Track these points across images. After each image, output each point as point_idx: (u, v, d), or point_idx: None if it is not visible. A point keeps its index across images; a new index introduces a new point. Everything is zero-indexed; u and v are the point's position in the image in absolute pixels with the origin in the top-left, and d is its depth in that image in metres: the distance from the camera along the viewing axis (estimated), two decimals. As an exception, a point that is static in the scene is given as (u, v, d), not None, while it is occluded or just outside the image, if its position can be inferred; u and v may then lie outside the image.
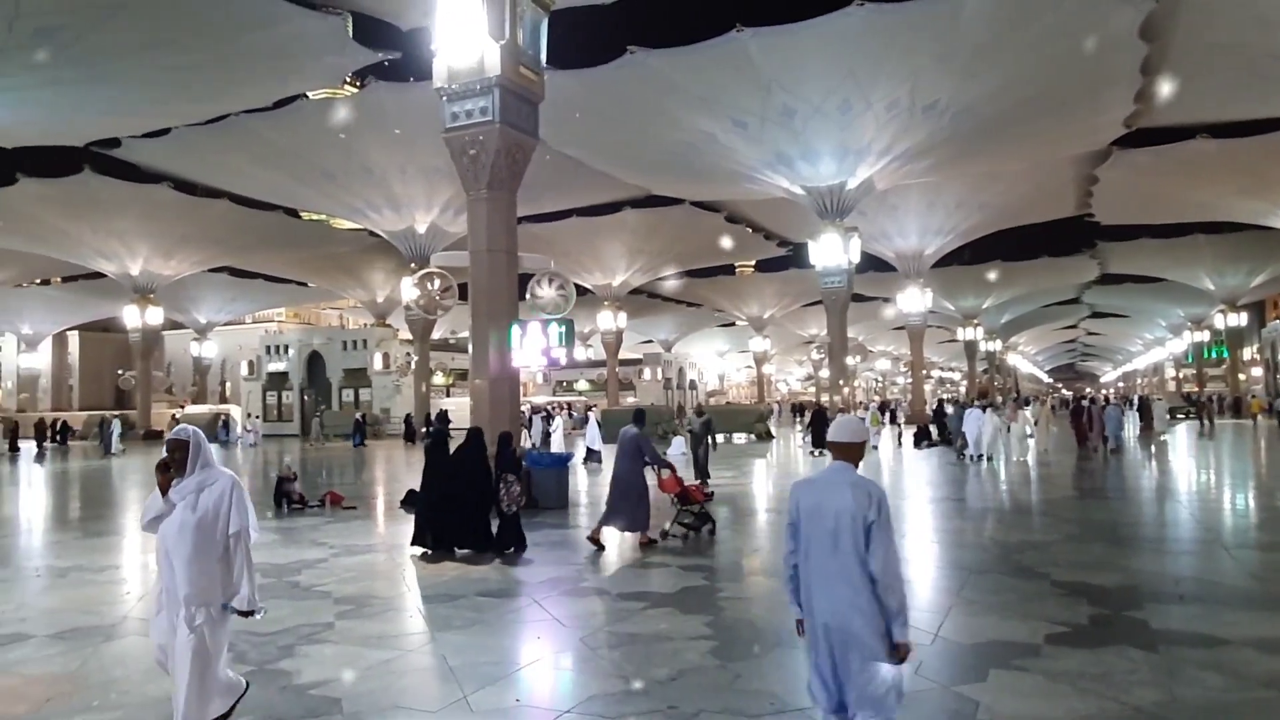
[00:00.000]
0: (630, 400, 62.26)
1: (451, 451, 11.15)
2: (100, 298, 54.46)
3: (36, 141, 30.02)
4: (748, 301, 66.33)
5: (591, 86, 25.90)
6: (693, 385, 74.86)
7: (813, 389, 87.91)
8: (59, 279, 57.55)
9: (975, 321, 62.10)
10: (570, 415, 44.89)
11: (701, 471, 17.41)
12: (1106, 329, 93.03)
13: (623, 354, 59.60)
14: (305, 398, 49.66)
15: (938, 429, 28.54)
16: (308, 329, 66.14)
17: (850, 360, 43.54)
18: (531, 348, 13.97)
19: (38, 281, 57.98)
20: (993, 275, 55.05)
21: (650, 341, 77.85)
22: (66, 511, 17.19)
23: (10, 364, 68.86)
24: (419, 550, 10.34)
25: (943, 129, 27.53)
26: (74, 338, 68.24)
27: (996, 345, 75.38)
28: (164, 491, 4.44)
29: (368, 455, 30.47)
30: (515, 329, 14.12)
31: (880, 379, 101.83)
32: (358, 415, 39.44)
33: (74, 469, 27.29)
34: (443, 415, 33.06)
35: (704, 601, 7.72)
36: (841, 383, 35.58)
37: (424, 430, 38.27)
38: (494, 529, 10.48)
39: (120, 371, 64.28)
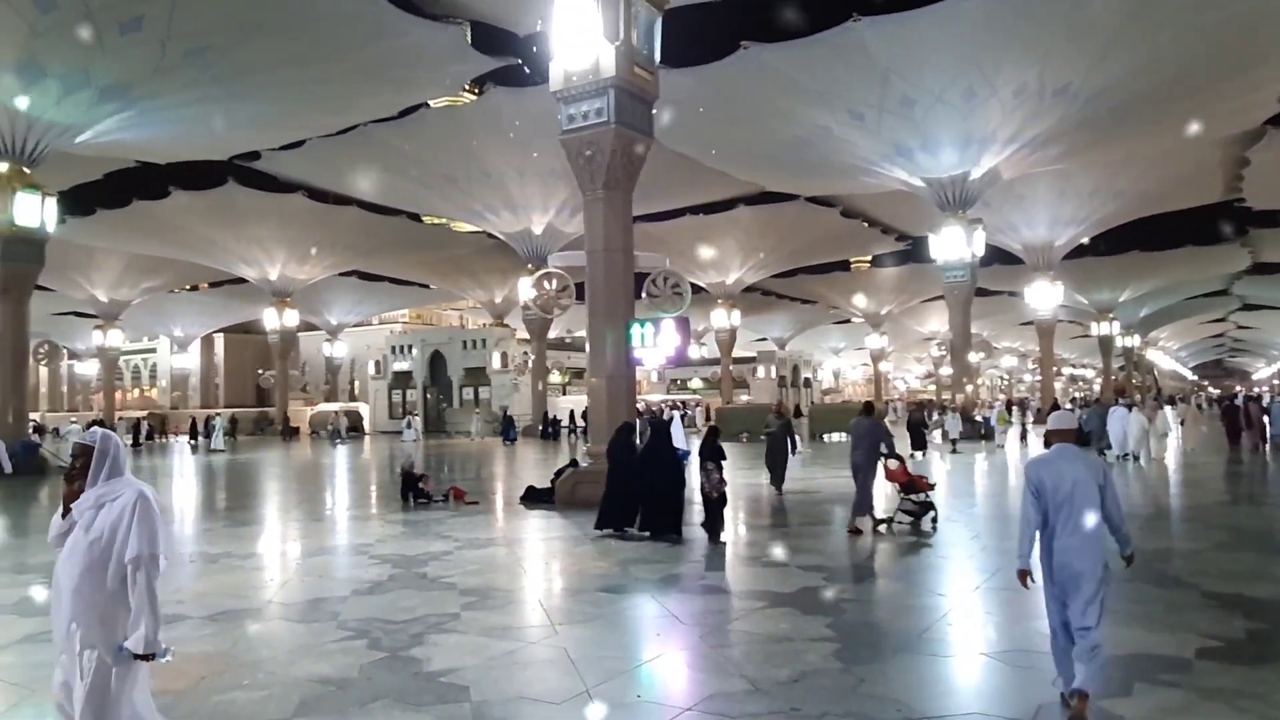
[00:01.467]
0: (744, 398, 61.85)
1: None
2: (242, 302, 58.08)
3: (186, 156, 32.27)
4: (864, 297, 64.86)
5: (705, 83, 25.85)
6: (807, 383, 73.80)
7: (932, 387, 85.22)
8: (206, 285, 61.57)
9: (1111, 316, 58.75)
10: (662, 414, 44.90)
11: (778, 479, 15.62)
12: (1259, 322, 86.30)
13: (736, 352, 59.23)
14: (428, 396, 51.48)
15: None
16: (430, 329, 68.54)
17: (973, 357, 41.99)
18: (648, 346, 14.04)
19: (188, 287, 62.18)
20: (1130, 267, 52.00)
21: (764, 339, 77.11)
22: (213, 501, 18.34)
23: (164, 364, 74.27)
24: (600, 532, 11.26)
25: (1075, 113, 26.18)
26: (220, 339, 72.82)
27: (1134, 341, 71.11)
28: (68, 505, 3.64)
29: (489, 451, 31.30)
30: (633, 327, 14.23)
31: (1006, 377, 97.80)
32: (507, 412, 40.38)
33: (209, 462, 29.13)
34: (629, 425, 32.84)
35: (824, 602, 7.59)
36: (964, 380, 34.33)
37: (540, 427, 39.13)
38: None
39: (260, 371, 68.29)
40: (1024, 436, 29.45)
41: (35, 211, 23.77)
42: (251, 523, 14.01)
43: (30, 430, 26.79)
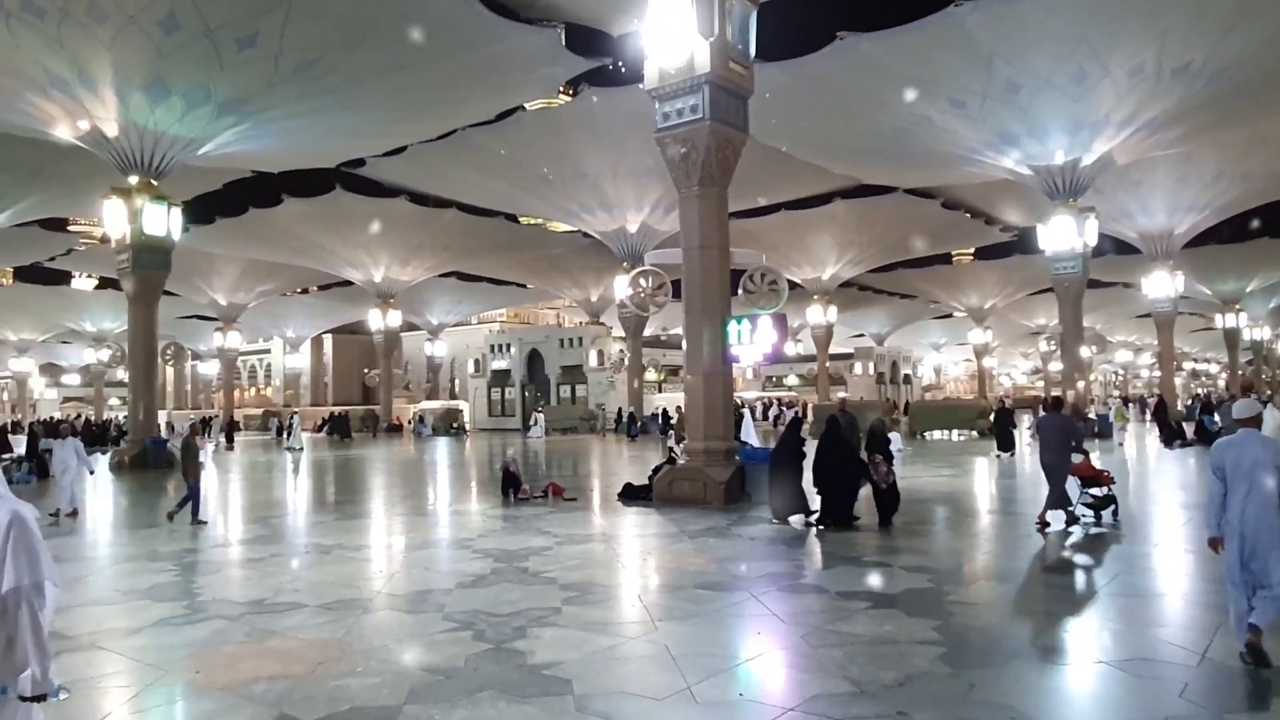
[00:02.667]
0: (840, 394, 60.82)
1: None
2: (349, 303, 60.48)
3: (297, 165, 33.72)
4: (966, 291, 62.87)
5: (800, 76, 25.49)
6: (907, 380, 72.05)
7: (1040, 383, 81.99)
8: (316, 288, 64.32)
9: (1237, 307, 55.30)
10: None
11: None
12: None
13: (833, 348, 58.28)
14: (525, 394, 52.41)
15: (1195, 428, 25.63)
16: (527, 328, 69.79)
17: (1085, 352, 40.19)
18: (744, 343, 13.96)
19: (299, 291, 65.07)
20: (1258, 254, 48.84)
21: (861, 335, 75.66)
22: (323, 496, 19.11)
23: (278, 364, 77.89)
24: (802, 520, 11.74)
25: (1196, 93, 24.70)
26: (328, 340, 75.93)
27: (1264, 333, 66.74)
28: None
29: (584, 448, 31.66)
30: (729, 324, 14.17)
31: (1120, 372, 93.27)
32: (630, 409, 40.83)
33: (317, 458, 30.34)
34: (798, 421, 31.81)
35: (930, 604, 7.38)
36: (1075, 376, 32.88)
37: (624, 423, 39.35)
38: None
39: (366, 370, 70.87)
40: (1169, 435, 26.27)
41: (162, 221, 25.23)
42: (359, 516, 14.54)
43: (160, 427, 28.46)
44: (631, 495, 14.86)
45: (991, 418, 27.04)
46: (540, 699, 5.18)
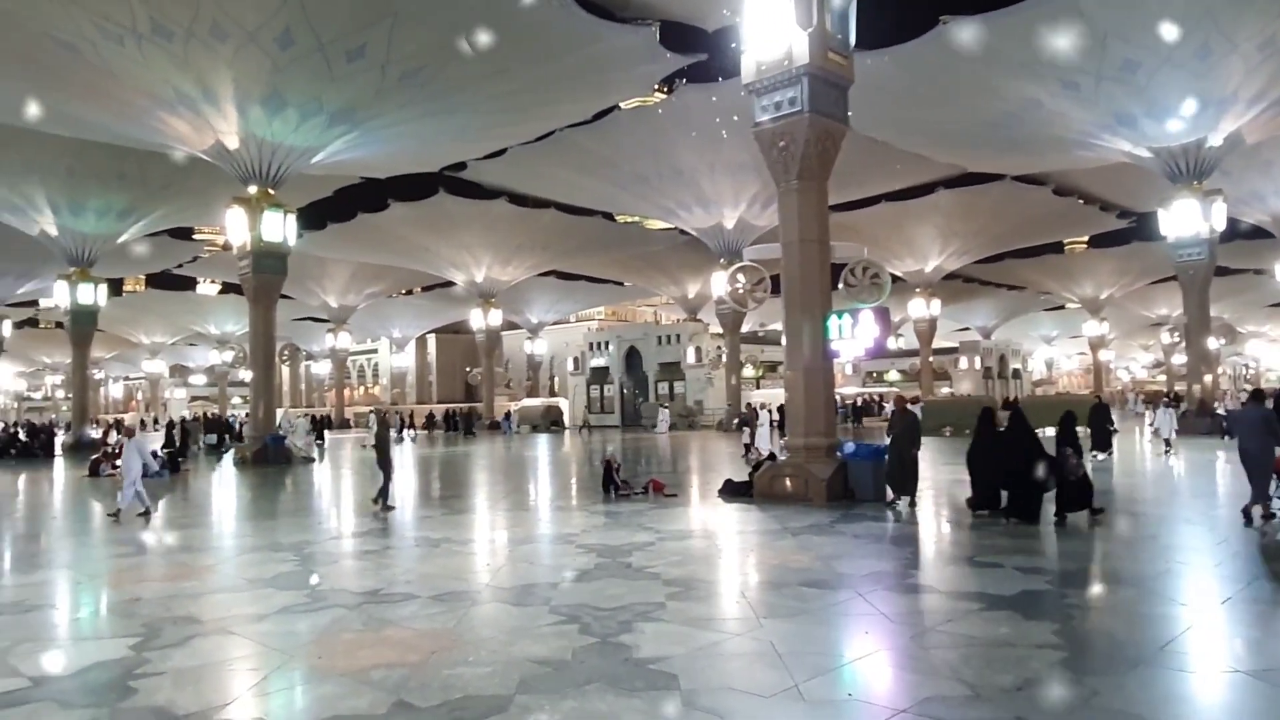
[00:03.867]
0: (945, 391, 59.05)
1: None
2: (452, 304, 62.24)
3: (402, 170, 34.85)
4: (1080, 281, 60.16)
5: (902, 64, 24.88)
6: (1016, 374, 69.37)
7: (1162, 377, 77.76)
8: (420, 289, 66.36)
9: (1384, 293, 51.22)
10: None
11: (901, 486, 13.31)
12: None
13: (937, 342, 56.65)
14: (624, 391, 52.82)
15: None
16: (625, 326, 70.31)
17: (1213, 343, 37.91)
18: (846, 337, 13.72)
19: (404, 292, 67.29)
20: None
21: (967, 329, 73.31)
22: (429, 491, 19.69)
23: (385, 363, 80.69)
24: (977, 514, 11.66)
25: (1336, 65, 23.01)
26: (432, 339, 78.22)
27: None
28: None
29: (683, 444, 31.67)
30: (830, 319, 13.94)
31: (1253, 364, 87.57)
32: (746, 405, 40.81)
33: (423, 454, 31.24)
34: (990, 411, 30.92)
35: (1049, 607, 7.10)
36: (1201, 369, 31.04)
37: (734, 420, 39.06)
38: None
39: (468, 368, 72.77)
40: None
41: (279, 228, 26.48)
42: (465, 511, 14.93)
43: (278, 424, 29.85)
44: (732, 492, 14.80)
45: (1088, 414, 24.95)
46: (647, 693, 5.21)
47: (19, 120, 27.33)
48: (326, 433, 43.46)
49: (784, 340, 14.92)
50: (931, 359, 54.43)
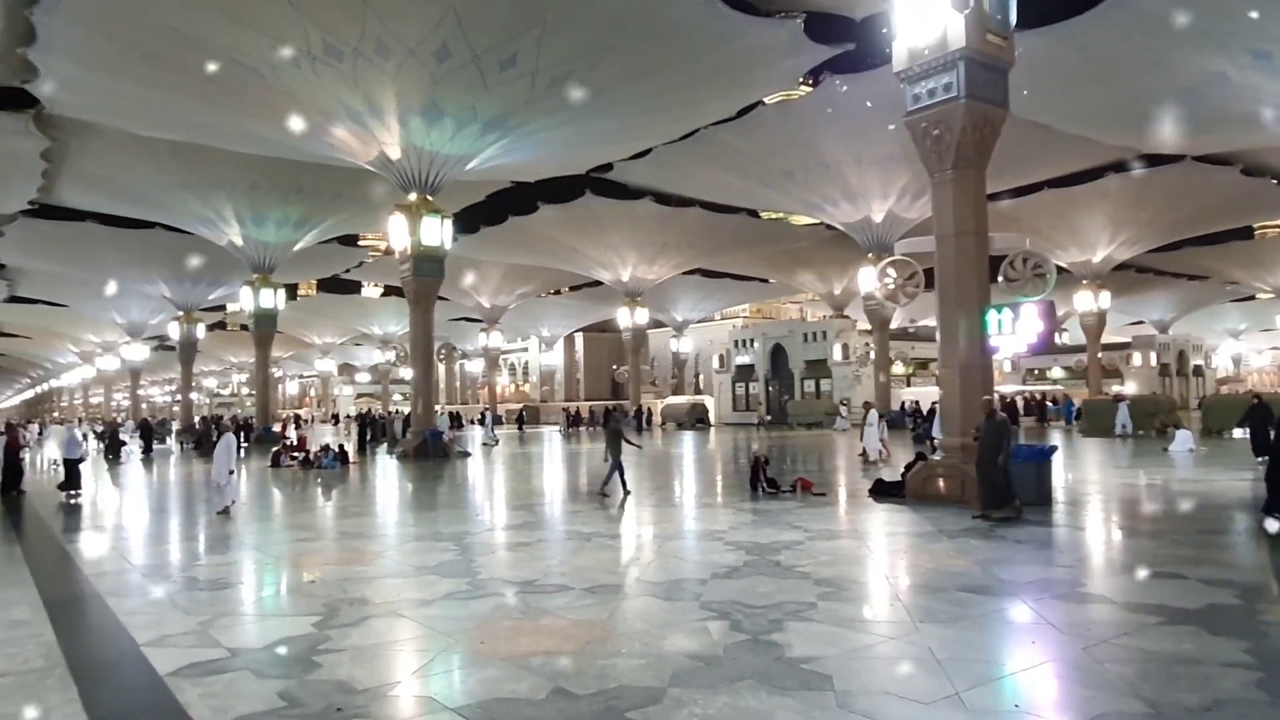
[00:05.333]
0: (1115, 388, 55.27)
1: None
2: (599, 303, 63.46)
3: (550, 174, 35.83)
4: (1272, 269, 54.91)
5: (1067, 42, 23.41)
6: (1198, 371, 64.09)
7: (1374, 374, 69.90)
8: (568, 289, 68.01)
9: None
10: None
11: (995, 496, 11.96)
12: None
13: (1106, 337, 53.08)
14: (770, 389, 52.34)
15: None
16: (770, 323, 69.62)
17: None
18: (1005, 333, 13.09)
19: (553, 292, 69.18)
20: None
21: (1140, 322, 68.31)
22: (578, 485, 20.14)
23: (534, 361, 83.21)
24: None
25: None
26: (579, 338, 79.99)
27: None
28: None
29: (831, 443, 31.07)
30: (988, 314, 13.35)
31: None
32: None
33: (570, 450, 31.95)
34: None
35: (1239, 623, 6.54)
36: None
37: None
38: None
39: (615, 366, 74.03)
40: None
41: (437, 232, 27.80)
42: (613, 506, 15.21)
43: (437, 420, 31.40)
44: (883, 492, 14.42)
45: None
46: (800, 692, 5.16)
47: (210, 140, 30.00)
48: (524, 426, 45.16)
49: (938, 336, 14.40)
50: (1100, 355, 51.04)
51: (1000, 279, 14.15)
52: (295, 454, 25.24)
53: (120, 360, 72.74)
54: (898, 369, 57.49)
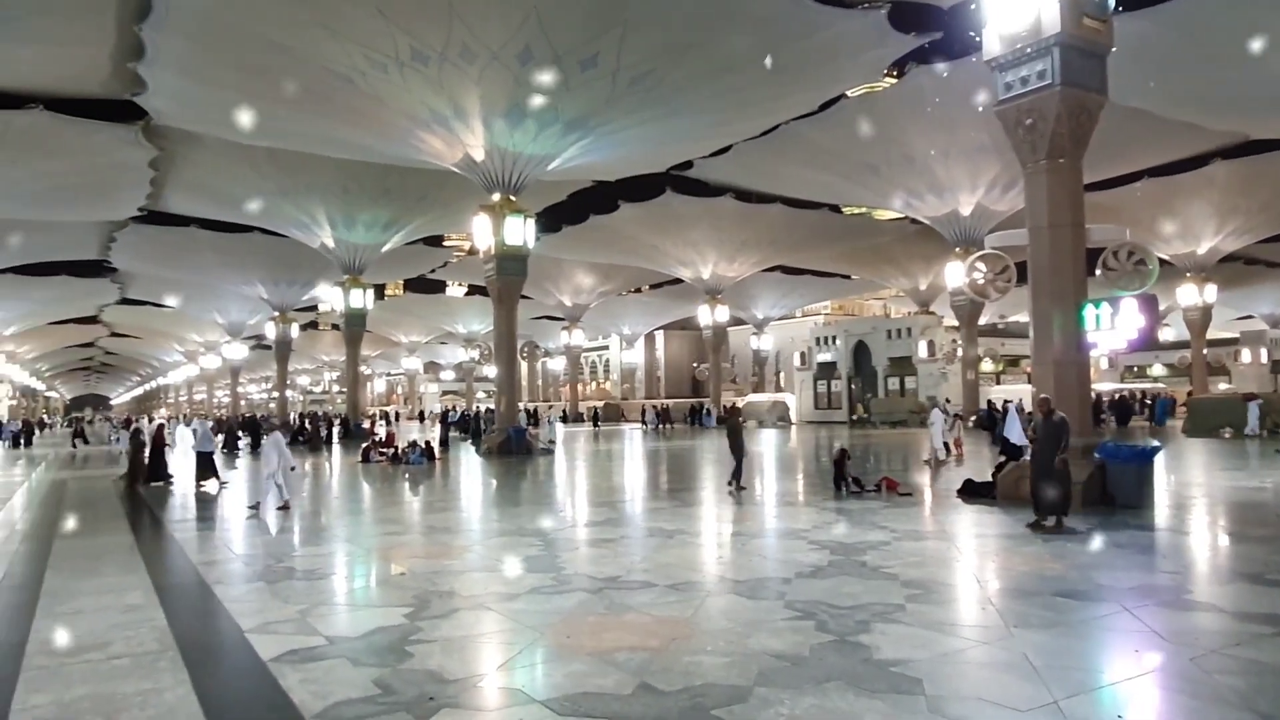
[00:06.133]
0: (1223, 386, 52.56)
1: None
2: (679, 300, 63.48)
3: (631, 172, 35.97)
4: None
5: (1169, 23, 22.35)
6: (1314, 369, 60.41)
7: None
8: (648, 287, 68.22)
9: None
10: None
11: (1052, 507, 11.05)
12: None
13: (1212, 332, 50.51)
14: (852, 386, 51.52)
15: None
16: (853, 320, 68.53)
17: None
18: (1104, 328, 12.59)
19: (634, 290, 69.49)
20: None
21: (1250, 317, 64.74)
22: (658, 483, 20.19)
23: (615, 359, 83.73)
24: None
25: None
26: (660, 336, 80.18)
27: None
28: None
29: (914, 441, 30.39)
30: (1085, 309, 12.86)
31: None
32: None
33: (651, 448, 31.99)
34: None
35: (1365, 637, 6.15)
36: None
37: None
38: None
39: (695, 364, 73.92)
40: None
41: (520, 232, 28.22)
42: (695, 503, 15.21)
43: (521, 417, 31.88)
44: (972, 492, 14.04)
45: None
46: (889, 695, 5.07)
47: (304, 146, 31.12)
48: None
49: (1031, 333, 13.93)
50: (1205, 351, 48.61)
51: (1098, 272, 13.62)
52: (384, 450, 25.96)
53: (221, 359, 76.04)
54: (986, 366, 55.92)
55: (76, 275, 55.13)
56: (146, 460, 19.37)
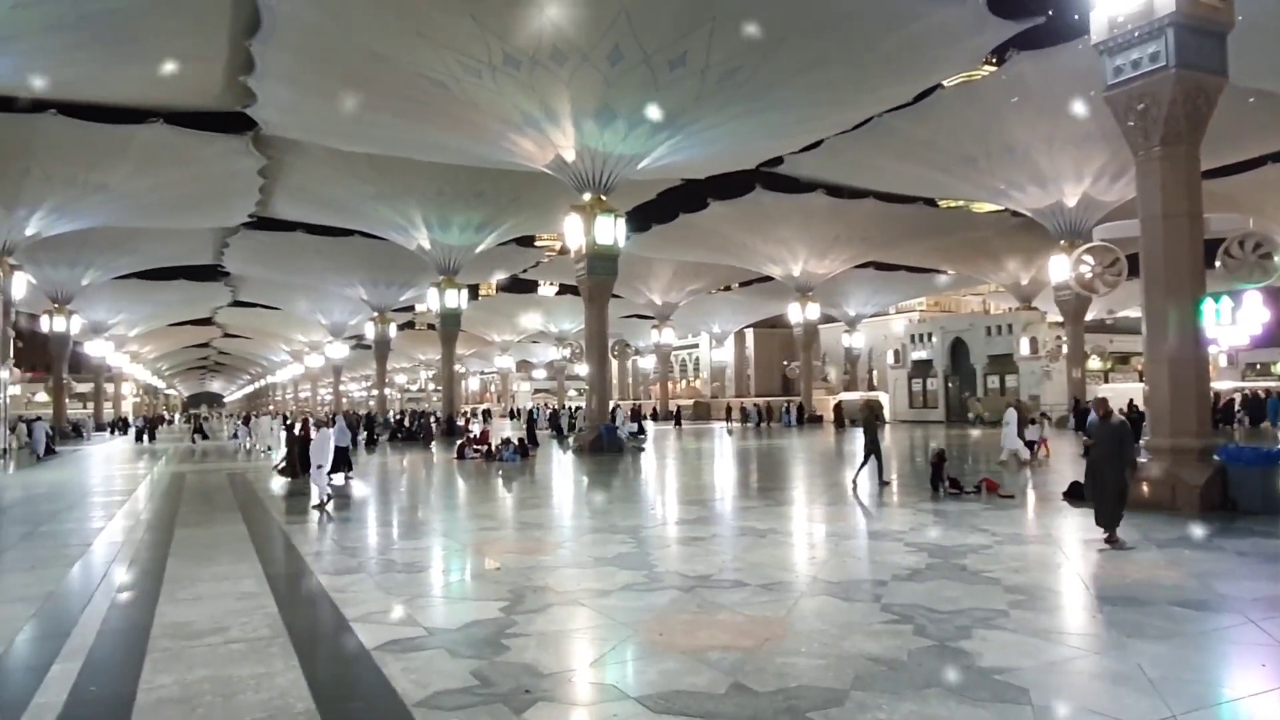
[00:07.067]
0: (1358, 386, 48.99)
1: None
2: (769, 298, 62.90)
3: (720, 170, 35.81)
4: None
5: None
6: None
7: None
8: (738, 285, 67.85)
9: None
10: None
11: (1103, 518, 9.94)
12: None
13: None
14: (949, 384, 50.12)
15: None
16: (949, 316, 66.66)
17: None
18: (1224, 323, 11.91)
19: (723, 288, 69.20)
20: None
21: (1388, 311, 60.22)
22: (749, 482, 20.02)
23: (705, 358, 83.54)
24: None
25: None
26: (750, 334, 79.56)
27: None
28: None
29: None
30: (1204, 303, 12.19)
31: None
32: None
33: (740, 446, 31.76)
34: None
35: None
36: None
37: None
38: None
39: (785, 362, 73.09)
40: None
41: (610, 231, 28.45)
42: (786, 502, 15.05)
43: (611, 415, 32.10)
44: (1079, 495, 13.43)
45: None
46: (993, 704, 4.89)
47: (402, 152, 32.09)
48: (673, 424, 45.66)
49: (1143, 328, 13.28)
50: (1337, 348, 45.47)
51: (1218, 264, 12.89)
52: (478, 447, 26.53)
53: (324, 358, 79.08)
54: (1094, 364, 53.62)
55: (193, 279, 58.42)
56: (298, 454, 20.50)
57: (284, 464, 20.05)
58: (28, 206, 33.14)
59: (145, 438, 44.07)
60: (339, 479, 19.04)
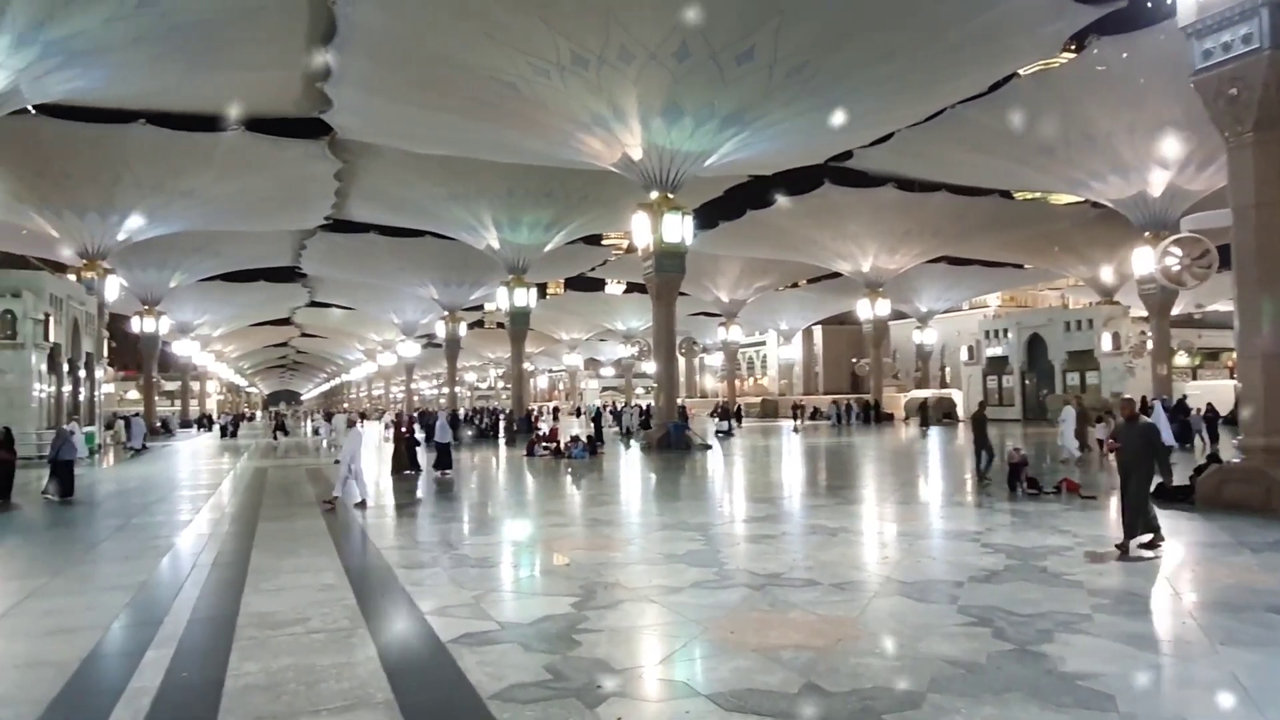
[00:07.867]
0: None
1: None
2: (837, 295, 62.10)
3: (788, 166, 35.47)
4: None
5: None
6: None
7: None
8: (805, 281, 67.09)
9: None
10: None
11: (1136, 523, 9.24)
12: None
13: None
14: (1025, 382, 48.78)
15: None
16: (1026, 311, 64.83)
17: None
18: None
19: (790, 285, 68.52)
20: None
21: None
22: (818, 480, 19.79)
23: (773, 355, 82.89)
24: None
25: None
26: (818, 331, 78.65)
27: None
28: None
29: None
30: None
31: None
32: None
33: (810, 444, 31.37)
34: None
35: None
36: None
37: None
38: None
39: (855, 359, 72.01)
40: None
41: (678, 229, 28.42)
42: (858, 501, 14.83)
43: (679, 413, 32.07)
44: (1167, 497, 12.92)
45: None
46: (1077, 710, 4.75)
47: (473, 153, 32.59)
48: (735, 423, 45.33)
49: (1235, 323, 12.71)
50: None
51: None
52: (547, 444, 26.80)
53: (396, 356, 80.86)
54: (1181, 359, 51.57)
55: (272, 281, 60.37)
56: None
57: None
58: (119, 212, 34.69)
59: (229, 434, 45.71)
60: (436, 475, 19.63)
